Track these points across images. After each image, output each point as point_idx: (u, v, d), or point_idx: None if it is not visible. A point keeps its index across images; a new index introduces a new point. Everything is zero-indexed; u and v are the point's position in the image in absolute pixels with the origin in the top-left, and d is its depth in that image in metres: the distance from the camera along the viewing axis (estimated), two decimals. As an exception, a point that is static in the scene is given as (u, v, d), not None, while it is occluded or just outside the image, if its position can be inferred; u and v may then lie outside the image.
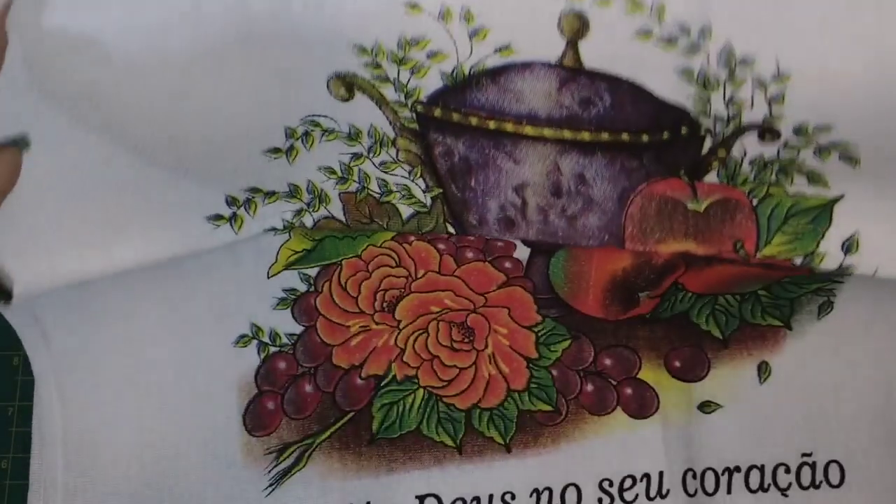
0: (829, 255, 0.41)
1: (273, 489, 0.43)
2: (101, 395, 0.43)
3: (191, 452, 0.43)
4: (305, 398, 0.44)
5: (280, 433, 0.43)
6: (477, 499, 0.42)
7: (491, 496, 0.42)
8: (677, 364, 0.44)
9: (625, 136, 0.39)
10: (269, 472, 0.43)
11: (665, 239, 0.42)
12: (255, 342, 0.44)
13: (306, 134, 0.41)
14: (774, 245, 0.41)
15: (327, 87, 0.39)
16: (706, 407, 0.43)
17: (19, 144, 0.36)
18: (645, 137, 0.39)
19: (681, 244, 0.42)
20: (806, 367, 0.43)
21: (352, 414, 0.43)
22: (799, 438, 0.42)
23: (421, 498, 0.42)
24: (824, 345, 0.43)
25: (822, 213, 0.41)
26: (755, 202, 0.41)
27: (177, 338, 0.44)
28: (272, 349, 0.44)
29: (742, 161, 0.40)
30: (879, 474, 0.42)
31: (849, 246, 0.41)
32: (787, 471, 0.42)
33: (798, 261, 0.42)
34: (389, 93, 0.39)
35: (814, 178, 0.40)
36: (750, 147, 0.39)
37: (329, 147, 0.42)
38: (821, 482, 0.42)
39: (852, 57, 0.34)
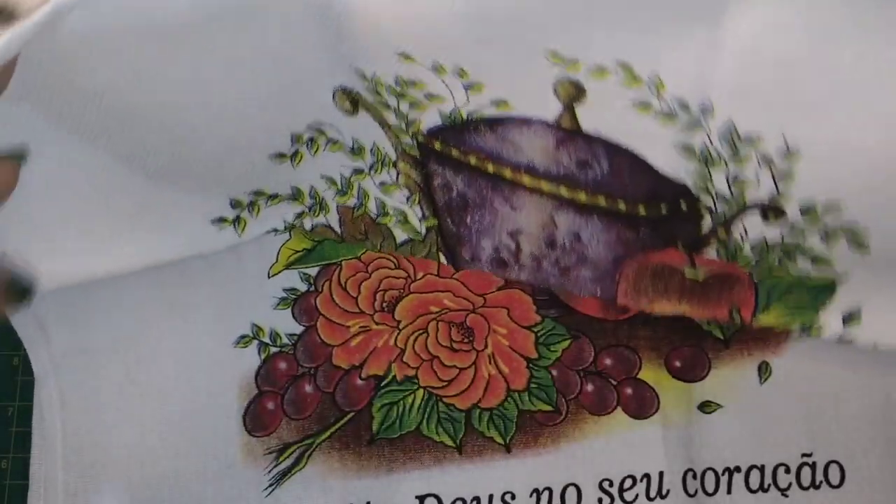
0: (829, 326, 0.40)
1: (273, 489, 0.43)
2: (101, 396, 0.43)
3: (191, 453, 0.43)
4: (305, 398, 0.44)
5: (280, 433, 0.43)
6: (477, 499, 0.42)
7: (491, 496, 0.42)
8: (678, 364, 0.44)
9: (622, 205, 0.38)
10: (269, 472, 0.43)
11: (658, 300, 0.42)
12: (255, 342, 0.44)
13: (311, 140, 0.41)
14: (772, 314, 0.41)
15: (333, 98, 0.38)
16: (706, 407, 0.43)
17: (16, 156, 0.35)
18: (642, 209, 0.38)
19: (675, 307, 0.42)
20: (806, 367, 0.43)
21: (352, 414, 0.43)
22: (799, 438, 0.42)
23: (421, 498, 0.42)
24: (824, 345, 0.43)
25: (826, 288, 0.39)
26: (755, 278, 0.40)
27: (177, 338, 0.44)
28: (272, 349, 0.44)
29: (743, 243, 0.39)
30: (879, 474, 0.42)
31: (850, 318, 0.40)
32: (788, 471, 0.42)
33: (795, 330, 0.41)
34: (391, 118, 0.39)
35: (819, 261, 0.38)
36: (752, 228, 0.38)
37: (332, 157, 0.42)
38: (821, 482, 0.42)
39: (864, 130, 0.31)
